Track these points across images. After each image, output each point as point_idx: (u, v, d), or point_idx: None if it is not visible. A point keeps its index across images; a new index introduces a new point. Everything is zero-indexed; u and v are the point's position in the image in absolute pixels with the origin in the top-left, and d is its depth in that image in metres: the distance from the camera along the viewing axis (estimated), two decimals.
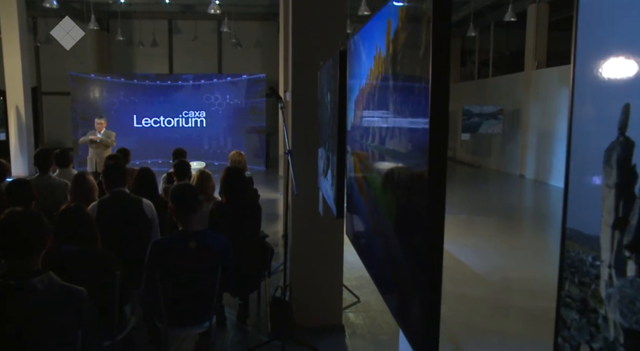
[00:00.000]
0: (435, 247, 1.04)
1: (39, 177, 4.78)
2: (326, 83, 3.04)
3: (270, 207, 9.21)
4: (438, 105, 1.00)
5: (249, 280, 3.89)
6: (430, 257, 1.05)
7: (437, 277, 1.05)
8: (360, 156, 1.92)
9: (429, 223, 1.04)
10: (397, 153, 1.32)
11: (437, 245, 1.04)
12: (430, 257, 1.05)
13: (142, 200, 3.82)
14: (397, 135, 1.31)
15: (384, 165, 1.48)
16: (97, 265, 2.75)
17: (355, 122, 2.06)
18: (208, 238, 2.95)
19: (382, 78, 1.49)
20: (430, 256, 1.05)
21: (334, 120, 2.60)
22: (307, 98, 3.86)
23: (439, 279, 1.05)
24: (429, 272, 1.06)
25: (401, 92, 1.28)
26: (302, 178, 3.71)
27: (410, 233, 1.19)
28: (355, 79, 2.03)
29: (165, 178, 5.85)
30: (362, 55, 1.85)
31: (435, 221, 1.03)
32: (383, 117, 1.49)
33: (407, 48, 1.22)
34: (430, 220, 1.04)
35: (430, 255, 1.05)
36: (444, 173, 1.03)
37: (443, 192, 1.04)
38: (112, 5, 15.19)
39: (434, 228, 1.04)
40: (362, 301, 4.83)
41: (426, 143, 1.04)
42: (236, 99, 14.44)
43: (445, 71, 1.00)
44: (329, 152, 2.94)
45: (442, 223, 1.04)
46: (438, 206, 1.03)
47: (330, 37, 3.68)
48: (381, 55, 1.50)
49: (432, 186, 1.03)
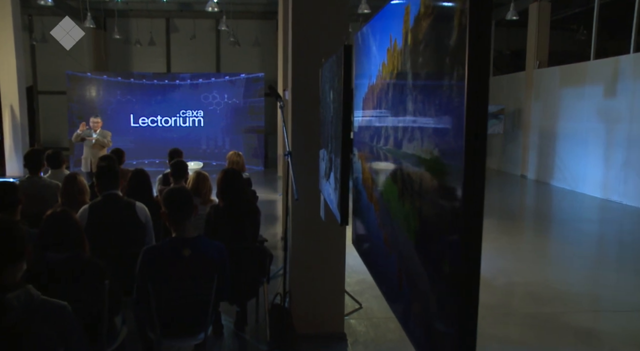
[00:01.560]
0: (471, 276, 0.87)
1: (29, 178, 4.61)
2: (329, 81, 2.87)
3: (269, 208, 9.05)
4: (476, 104, 0.84)
5: (247, 286, 3.72)
6: (465, 287, 0.88)
7: (472, 310, 0.88)
8: (369, 160, 1.75)
9: (464, 248, 0.87)
10: (418, 159, 1.15)
11: (473, 274, 0.87)
12: (466, 286, 0.88)
13: (136, 203, 3.66)
14: (418, 138, 1.14)
15: (400, 172, 1.31)
16: (85, 274, 2.58)
17: (363, 122, 1.89)
18: (203, 245, 2.78)
19: (399, 73, 1.32)
20: (465, 285, 0.88)
21: (337, 120, 2.44)
22: (307, 97, 3.69)
23: (474, 312, 0.89)
24: (463, 305, 0.89)
25: (424, 89, 1.11)
26: (302, 181, 3.54)
27: (438, 256, 1.02)
28: (364, 75, 1.86)
29: (161, 179, 5.68)
30: (372, 48, 1.68)
31: (472, 245, 0.86)
32: (399, 118, 1.32)
33: (432, 37, 1.05)
34: (466, 244, 0.87)
35: (465, 284, 0.88)
36: (482, 186, 0.86)
37: (481, 208, 0.87)
38: (108, 3, 15.00)
39: (470, 254, 0.87)
40: (364, 308, 4.67)
41: (460, 149, 0.88)
42: (234, 98, 14.27)
43: (485, 62, 0.84)
44: (331, 154, 2.78)
45: (479, 248, 0.88)
46: (475, 227, 0.86)
47: (332, 32, 3.52)
48: (397, 47, 1.33)
49: (468, 202, 0.86)
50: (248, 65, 16.40)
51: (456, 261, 0.91)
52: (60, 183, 4.10)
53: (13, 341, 1.69)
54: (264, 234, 5.30)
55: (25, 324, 1.70)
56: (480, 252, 0.89)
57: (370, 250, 1.79)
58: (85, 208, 3.54)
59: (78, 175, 4.05)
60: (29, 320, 1.72)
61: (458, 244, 0.89)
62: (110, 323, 2.77)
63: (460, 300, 0.89)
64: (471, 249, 0.87)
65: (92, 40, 16.17)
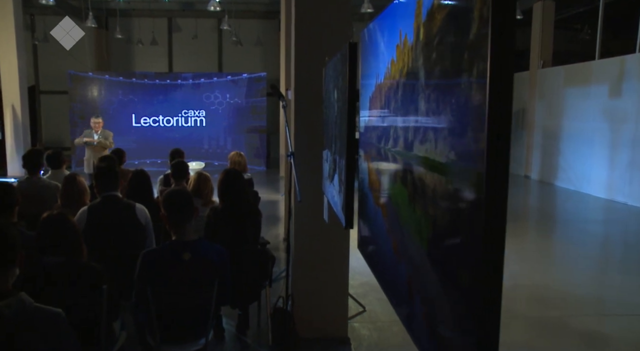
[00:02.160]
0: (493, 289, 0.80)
1: (28, 178, 4.55)
2: (333, 80, 2.79)
3: (271, 209, 8.98)
4: (499, 102, 0.77)
5: (249, 290, 3.65)
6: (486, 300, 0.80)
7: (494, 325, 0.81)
8: (376, 161, 1.67)
9: (486, 259, 0.79)
10: (431, 163, 1.07)
11: (496, 287, 0.80)
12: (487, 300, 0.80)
13: (135, 204, 3.59)
14: (431, 140, 1.06)
15: (410, 175, 1.24)
16: (82, 278, 2.51)
17: (370, 122, 1.81)
18: (203, 249, 2.71)
19: (410, 70, 1.24)
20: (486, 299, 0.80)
21: (342, 120, 2.36)
22: (311, 97, 3.62)
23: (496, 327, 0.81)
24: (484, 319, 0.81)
25: (438, 87, 1.03)
26: (305, 182, 3.47)
27: (454, 266, 0.94)
28: (370, 73, 1.78)
29: (162, 180, 5.61)
30: (379, 45, 1.61)
31: (494, 256, 0.79)
32: (410, 118, 1.24)
33: (447, 31, 0.98)
34: (488, 255, 0.79)
35: (487, 297, 0.80)
36: (505, 192, 0.79)
37: (504, 216, 0.80)
38: (110, 2, 14.95)
39: (493, 265, 0.79)
40: (368, 311, 4.60)
41: (480, 152, 0.80)
42: (236, 98, 14.20)
43: (509, 56, 0.77)
44: (335, 155, 2.70)
45: (501, 259, 0.80)
46: (498, 237, 0.79)
47: (335, 31, 3.44)
48: (407, 43, 1.25)
49: (490, 209, 0.79)
50: (250, 64, 16.33)
51: (476, 272, 0.84)
52: (60, 184, 4.03)
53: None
54: (265, 235, 5.23)
55: (17, 333, 1.63)
56: (503, 263, 0.81)
57: (377, 256, 1.71)
58: (84, 209, 3.47)
59: (78, 176, 3.99)
60: (21, 329, 1.64)
61: (478, 255, 0.82)
62: (109, 329, 2.70)
63: (480, 315, 0.82)
64: (493, 260, 0.80)
65: (94, 39, 16.11)
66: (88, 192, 3.94)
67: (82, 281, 2.51)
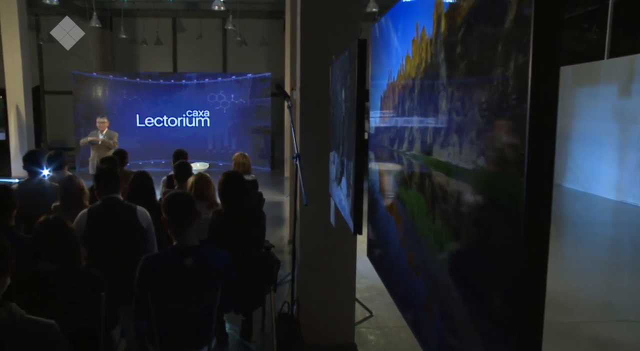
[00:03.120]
0: (534, 317, 0.69)
1: (28, 180, 4.47)
2: (340, 78, 2.69)
3: (276, 210, 8.88)
4: (544, 100, 0.66)
5: (253, 295, 3.55)
6: (524, 330, 0.69)
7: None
8: (388, 165, 1.57)
9: (525, 282, 0.68)
10: (455, 169, 0.96)
11: (536, 315, 0.69)
12: (525, 330, 0.69)
13: (137, 207, 3.49)
14: (455, 143, 0.95)
15: (429, 182, 1.13)
16: (79, 285, 2.42)
17: (381, 123, 1.71)
18: (206, 254, 2.61)
19: (428, 66, 1.13)
20: (524, 328, 0.69)
21: (350, 120, 2.26)
22: (317, 97, 3.51)
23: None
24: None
25: (464, 84, 0.92)
26: (311, 185, 3.37)
27: (484, 288, 0.83)
28: (382, 71, 1.68)
29: (165, 181, 5.52)
30: (392, 41, 1.50)
31: (535, 279, 0.68)
32: (428, 119, 1.13)
33: (476, 20, 0.87)
34: (528, 278, 0.68)
35: (525, 327, 0.69)
36: (549, 206, 0.68)
37: (547, 234, 0.69)
38: (114, 2, 14.89)
39: (533, 290, 0.68)
40: (375, 316, 4.49)
41: (518, 158, 0.69)
42: (241, 98, 14.11)
43: (556, 45, 0.66)
44: (343, 157, 2.60)
45: (544, 283, 0.69)
46: (540, 257, 0.68)
47: (342, 28, 3.34)
48: (425, 36, 1.15)
49: (530, 227, 0.68)
50: (255, 64, 16.25)
51: (513, 298, 0.73)
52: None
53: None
54: (270, 237, 5.13)
55: (7, 347, 1.53)
56: (545, 289, 0.71)
57: (388, 267, 1.60)
58: (84, 212, 3.38)
59: (76, 178, 3.90)
60: (11, 342, 1.55)
61: (516, 278, 0.71)
62: (108, 337, 2.60)
63: (517, 347, 0.71)
64: (535, 285, 0.69)
65: (98, 39, 16.07)
66: (87, 192, 3.85)
67: (80, 287, 2.42)
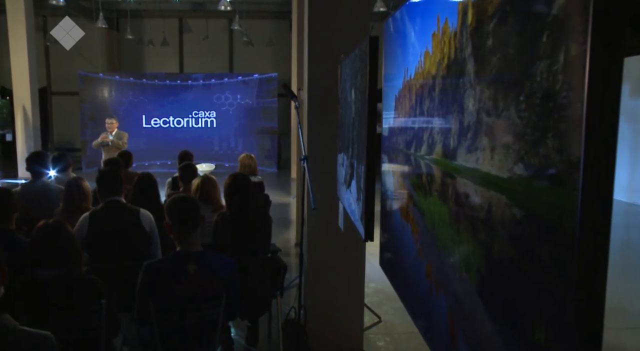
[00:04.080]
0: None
1: (31, 182, 4.39)
2: (350, 78, 2.59)
3: (282, 212, 8.78)
4: (606, 99, 0.56)
5: (259, 301, 3.45)
6: None
7: None
8: (404, 170, 1.46)
9: (577, 315, 0.57)
10: (486, 177, 0.84)
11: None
12: None
13: (140, 210, 3.40)
14: (485, 148, 0.85)
15: (452, 190, 1.02)
16: (79, 292, 2.33)
17: (395, 125, 1.61)
18: (210, 260, 2.52)
19: (452, 62, 1.03)
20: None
21: (361, 122, 2.16)
22: (325, 97, 3.41)
23: None
24: None
25: (496, 81, 0.82)
26: (319, 187, 3.27)
27: (521, 315, 0.72)
28: (397, 69, 1.57)
29: (170, 183, 5.44)
30: (409, 36, 1.40)
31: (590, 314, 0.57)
32: (452, 120, 1.02)
33: (513, 7, 0.77)
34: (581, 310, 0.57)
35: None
36: (608, 225, 0.58)
37: (605, 259, 0.58)
38: (121, 3, 14.86)
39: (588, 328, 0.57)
40: (384, 321, 4.38)
41: (570, 167, 0.59)
42: (247, 99, 14.04)
43: (620, 33, 0.55)
44: (352, 160, 2.50)
45: (601, 318, 0.58)
46: (596, 287, 0.57)
47: (352, 25, 3.24)
48: (448, 29, 1.04)
49: (586, 248, 0.57)
50: (261, 65, 16.18)
51: (561, 332, 0.62)
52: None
53: None
54: (276, 240, 5.02)
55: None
56: (603, 323, 0.60)
57: (404, 278, 1.49)
58: (86, 216, 3.29)
59: (80, 180, 3.82)
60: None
61: (565, 308, 0.61)
62: (108, 345, 2.52)
63: None
64: (589, 318, 0.58)
65: (104, 40, 16.06)
66: (90, 197, 3.77)
67: (80, 295, 2.33)
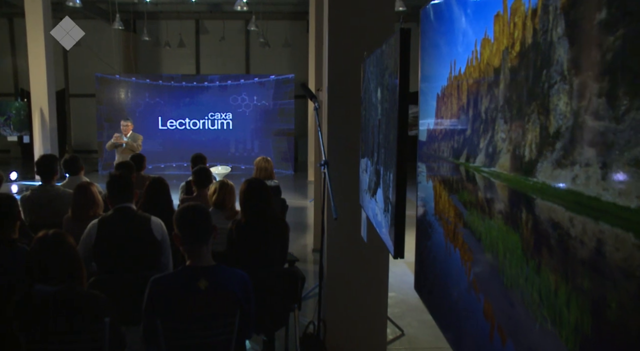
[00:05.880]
0: None
1: (41, 186, 4.25)
2: (375, 77, 2.37)
3: (299, 216, 8.58)
4: None
5: (276, 315, 3.25)
6: None
7: None
8: (450, 182, 1.24)
9: None
10: (591, 203, 0.62)
11: None
12: None
13: (151, 217, 3.22)
14: (592, 163, 0.62)
15: (530, 215, 0.80)
16: (81, 310, 2.14)
17: (437, 128, 1.38)
18: (223, 276, 2.31)
19: (529, 48, 0.80)
20: None
21: (389, 124, 1.94)
22: (346, 97, 3.20)
23: None
24: None
25: (613, 70, 0.60)
26: (340, 194, 3.05)
27: None
28: (439, 63, 1.34)
29: (184, 187, 5.26)
30: (458, 22, 1.17)
31: None
32: (527, 123, 0.80)
33: None
34: None
35: None
36: None
37: None
38: (138, 5, 14.82)
39: None
40: (407, 335, 4.14)
41: None
42: (264, 100, 13.88)
43: None
44: (378, 166, 2.27)
45: None
46: None
47: (376, 20, 3.01)
48: (522, 8, 0.82)
49: None
50: (278, 66, 16.03)
51: None
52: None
53: None
54: (293, 245, 4.81)
55: None
56: None
57: (452, 315, 1.25)
58: (94, 223, 3.12)
59: (90, 185, 3.66)
60: None
61: None
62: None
63: None
64: None
65: (121, 42, 16.06)
66: (101, 203, 3.60)
67: (82, 312, 2.15)
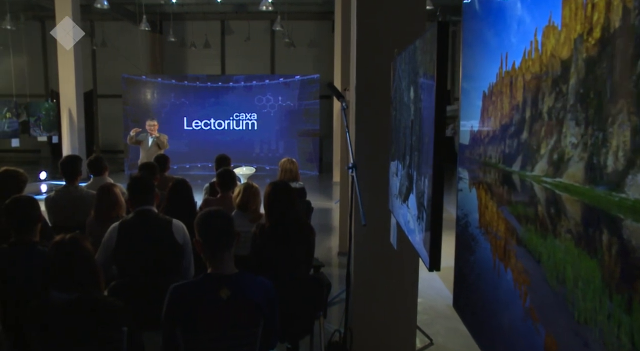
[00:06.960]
0: None
1: (65, 187, 4.22)
2: (407, 75, 2.23)
3: (324, 217, 8.46)
4: None
5: (300, 323, 3.13)
6: None
7: None
8: (500, 193, 1.09)
9: None
10: None
11: None
12: None
13: (173, 221, 3.13)
14: None
15: (612, 237, 0.65)
16: (98, 318, 2.06)
17: (484, 130, 1.24)
18: (245, 284, 2.20)
19: (613, 35, 0.65)
20: None
21: (424, 125, 1.80)
22: (375, 97, 3.06)
23: None
24: None
25: None
26: (368, 198, 2.91)
27: None
28: (486, 58, 1.20)
29: (208, 189, 5.19)
30: (512, 8, 1.03)
31: None
32: (608, 125, 0.66)
33: None
34: None
35: None
36: None
37: None
38: (164, 6, 14.93)
39: None
40: (436, 344, 3.98)
41: None
42: (289, 101, 13.80)
43: None
44: (411, 170, 2.13)
45: None
46: None
47: (407, 16, 2.87)
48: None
49: None
50: (303, 66, 15.95)
51: None
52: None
53: None
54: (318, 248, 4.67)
55: None
56: None
57: (501, 344, 1.10)
58: (115, 226, 3.05)
59: (112, 186, 3.60)
60: None
61: None
62: None
63: None
64: None
65: (148, 43, 16.21)
66: (123, 204, 3.54)
67: (98, 321, 2.06)
